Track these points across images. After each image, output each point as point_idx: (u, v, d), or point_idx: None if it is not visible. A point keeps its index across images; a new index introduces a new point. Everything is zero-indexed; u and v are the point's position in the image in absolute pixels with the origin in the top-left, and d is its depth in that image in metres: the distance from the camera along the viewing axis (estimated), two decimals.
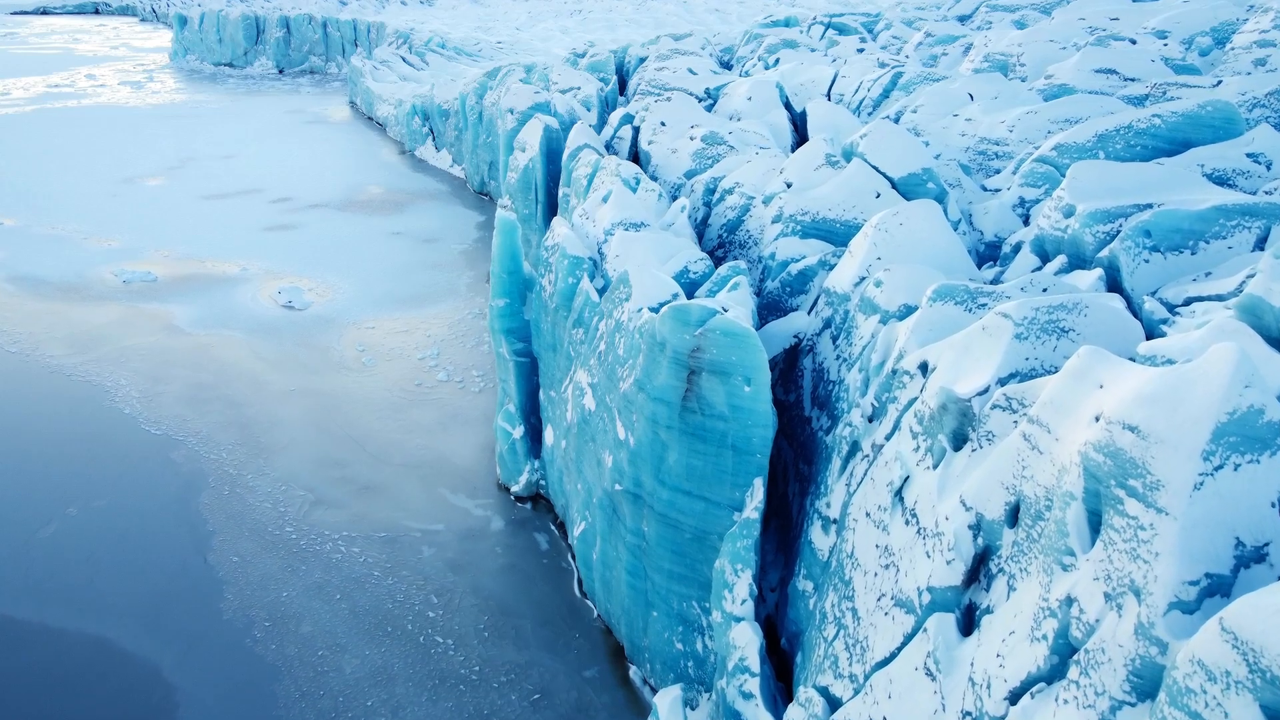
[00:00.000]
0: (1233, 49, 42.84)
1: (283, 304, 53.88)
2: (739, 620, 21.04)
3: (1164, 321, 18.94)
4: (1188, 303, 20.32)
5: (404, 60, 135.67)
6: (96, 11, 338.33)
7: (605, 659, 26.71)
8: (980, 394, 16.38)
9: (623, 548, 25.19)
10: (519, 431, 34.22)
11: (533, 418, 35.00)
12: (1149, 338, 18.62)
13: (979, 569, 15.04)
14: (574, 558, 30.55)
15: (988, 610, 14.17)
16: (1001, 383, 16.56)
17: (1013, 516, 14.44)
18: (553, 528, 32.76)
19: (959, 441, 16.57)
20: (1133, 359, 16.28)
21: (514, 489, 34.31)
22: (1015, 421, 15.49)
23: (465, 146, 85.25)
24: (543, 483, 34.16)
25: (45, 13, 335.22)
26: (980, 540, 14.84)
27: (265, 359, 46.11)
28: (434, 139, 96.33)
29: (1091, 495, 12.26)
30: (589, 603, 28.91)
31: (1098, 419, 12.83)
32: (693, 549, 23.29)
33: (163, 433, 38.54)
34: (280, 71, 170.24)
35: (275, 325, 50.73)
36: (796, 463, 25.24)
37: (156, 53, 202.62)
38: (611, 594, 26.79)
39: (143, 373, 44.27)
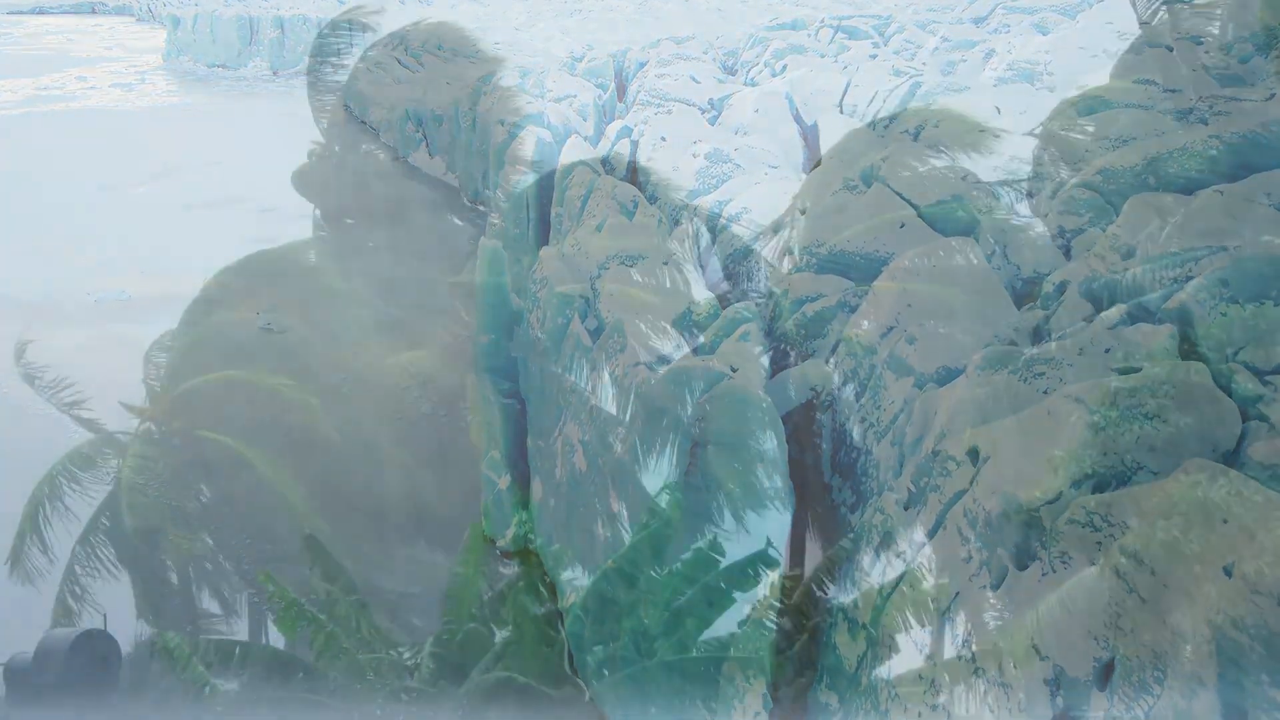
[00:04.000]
0: (1279, 57, 39.68)
1: (261, 325, 50.79)
2: None
3: (1259, 399, 15.86)
4: (1278, 370, 17.32)
5: (399, 62, 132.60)
6: (93, 11, 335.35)
7: None
8: (1051, 503, 13.38)
9: (617, 633, 22.19)
10: (505, 481, 31.18)
11: (521, 464, 31.96)
12: (1244, 417, 15.58)
13: None
14: (564, 625, 27.53)
15: None
16: (1076, 486, 13.56)
17: (1103, 677, 11.44)
18: (542, 589, 29.66)
19: (1024, 559, 13.57)
20: (1241, 464, 13.26)
21: (500, 543, 31.26)
22: (1099, 543, 12.50)
23: (458, 154, 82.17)
24: (532, 536, 31.14)
25: (41, 12, 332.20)
26: (1060, 701, 11.84)
27: (237, 390, 43.03)
28: (427, 145, 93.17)
29: (1232, 686, 9.26)
30: (580, 681, 25.89)
31: (1229, 573, 9.85)
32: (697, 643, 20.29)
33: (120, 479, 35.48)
34: (275, 73, 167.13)
35: (252, 350, 47.62)
36: (814, 534, 22.26)
37: (151, 53, 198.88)
38: (605, 680, 23.76)
39: (106, 407, 41.20)
